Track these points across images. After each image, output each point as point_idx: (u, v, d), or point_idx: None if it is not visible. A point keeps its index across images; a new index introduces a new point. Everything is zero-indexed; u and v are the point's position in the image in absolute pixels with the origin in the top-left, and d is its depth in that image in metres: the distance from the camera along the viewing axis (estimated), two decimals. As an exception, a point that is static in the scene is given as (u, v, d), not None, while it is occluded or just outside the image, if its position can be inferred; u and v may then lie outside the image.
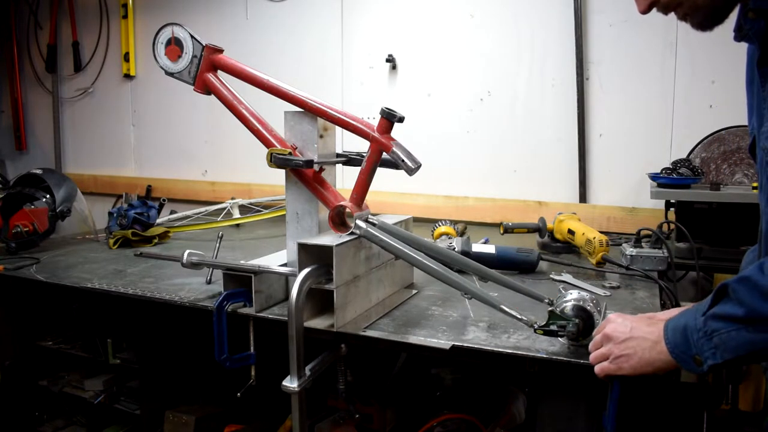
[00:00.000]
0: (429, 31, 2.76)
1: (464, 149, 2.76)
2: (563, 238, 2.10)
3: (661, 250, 1.82)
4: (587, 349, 1.15)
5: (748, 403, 2.09)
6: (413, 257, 1.32)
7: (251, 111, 1.51)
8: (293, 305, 1.25)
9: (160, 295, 1.62)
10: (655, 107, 2.44)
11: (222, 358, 1.42)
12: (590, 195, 2.57)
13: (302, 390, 1.25)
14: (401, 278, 1.66)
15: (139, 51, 3.49)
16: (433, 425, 1.64)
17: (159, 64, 1.57)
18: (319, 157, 1.46)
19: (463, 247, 1.81)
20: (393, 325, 1.36)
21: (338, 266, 1.30)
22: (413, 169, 1.34)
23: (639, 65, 2.44)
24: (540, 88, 2.60)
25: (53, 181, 2.40)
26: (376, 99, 2.85)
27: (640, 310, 1.48)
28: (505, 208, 2.65)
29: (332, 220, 1.41)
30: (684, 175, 2.09)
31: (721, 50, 2.33)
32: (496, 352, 1.22)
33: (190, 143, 3.37)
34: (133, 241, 2.27)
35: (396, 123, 1.36)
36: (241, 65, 1.52)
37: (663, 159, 2.37)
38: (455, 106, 2.76)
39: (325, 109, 1.44)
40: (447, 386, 1.82)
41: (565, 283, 1.71)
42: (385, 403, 1.83)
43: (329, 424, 1.77)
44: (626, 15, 2.44)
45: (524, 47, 2.61)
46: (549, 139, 2.61)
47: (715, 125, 2.27)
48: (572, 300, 1.20)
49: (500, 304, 1.23)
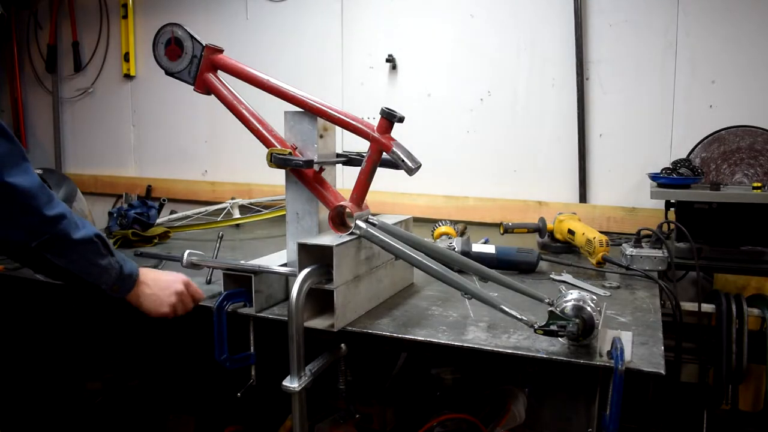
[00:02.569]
0: (429, 31, 2.76)
1: (464, 149, 2.76)
2: (563, 238, 2.10)
3: (661, 250, 1.82)
4: (587, 349, 1.15)
5: (748, 403, 2.09)
6: (413, 257, 1.32)
7: (251, 111, 1.51)
8: (293, 305, 1.25)
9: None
10: (655, 107, 2.44)
11: (222, 358, 1.42)
12: (590, 195, 2.57)
13: (302, 390, 1.25)
14: (401, 278, 1.66)
15: (139, 51, 3.49)
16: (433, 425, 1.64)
17: (159, 64, 1.57)
18: (319, 157, 1.46)
19: (463, 247, 1.81)
20: (393, 325, 1.36)
21: (338, 266, 1.30)
22: (413, 169, 1.34)
23: (639, 65, 2.44)
24: (540, 88, 2.60)
25: (53, 181, 2.39)
26: (376, 99, 2.85)
27: (641, 310, 1.48)
28: (505, 208, 2.65)
29: (332, 220, 1.41)
30: (684, 175, 2.09)
31: (721, 50, 2.33)
32: (496, 352, 1.22)
33: (190, 143, 3.37)
34: (134, 241, 2.27)
35: (396, 123, 1.36)
36: (241, 65, 1.52)
37: (663, 159, 2.37)
38: (455, 106, 2.75)
39: (325, 109, 1.44)
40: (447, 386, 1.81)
41: (565, 283, 1.71)
42: (385, 403, 1.83)
43: (329, 424, 1.76)
44: (626, 15, 2.44)
45: (524, 47, 2.61)
46: (549, 139, 2.61)
47: (715, 125, 2.27)
48: (572, 300, 1.20)
49: (500, 304, 1.23)
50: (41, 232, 1.16)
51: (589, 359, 1.14)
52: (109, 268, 1.29)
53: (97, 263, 1.26)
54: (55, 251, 1.20)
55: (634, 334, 1.28)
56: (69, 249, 1.21)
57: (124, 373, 2.22)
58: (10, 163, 1.12)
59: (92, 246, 1.25)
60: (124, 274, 1.33)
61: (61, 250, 1.20)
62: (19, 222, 1.14)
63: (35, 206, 1.15)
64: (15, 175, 1.12)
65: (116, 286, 1.32)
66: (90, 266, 1.25)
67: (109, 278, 1.30)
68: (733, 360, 1.89)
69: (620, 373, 1.09)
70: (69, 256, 1.22)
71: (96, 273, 1.27)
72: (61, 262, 1.21)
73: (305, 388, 1.26)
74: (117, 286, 1.32)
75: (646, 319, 1.40)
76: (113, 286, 1.32)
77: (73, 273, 1.24)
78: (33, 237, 1.16)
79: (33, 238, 1.16)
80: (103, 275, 1.29)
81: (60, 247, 1.20)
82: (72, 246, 1.21)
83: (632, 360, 1.14)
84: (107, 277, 1.29)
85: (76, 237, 1.21)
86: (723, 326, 1.91)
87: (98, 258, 1.27)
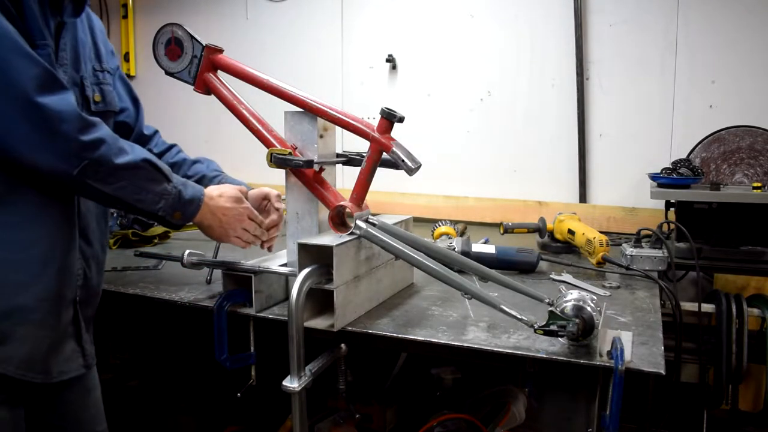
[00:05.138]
0: (429, 31, 2.77)
1: (464, 149, 2.76)
2: (563, 238, 2.10)
3: (661, 250, 1.82)
4: (587, 349, 1.15)
5: (748, 403, 2.10)
6: (413, 257, 1.32)
7: (251, 111, 1.51)
8: (293, 305, 1.25)
9: (160, 294, 1.62)
10: (655, 107, 2.44)
11: (222, 358, 1.42)
12: (590, 195, 2.57)
13: (302, 390, 1.25)
14: (401, 278, 1.66)
15: (139, 51, 3.49)
16: (433, 425, 1.64)
17: (159, 64, 1.57)
18: (319, 157, 1.46)
19: (463, 247, 1.81)
20: (393, 325, 1.36)
21: (338, 266, 1.30)
22: (413, 169, 1.34)
23: (639, 65, 2.44)
24: (540, 88, 2.60)
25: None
26: (376, 99, 2.85)
27: (641, 310, 1.48)
28: (505, 208, 2.65)
29: (332, 220, 1.41)
30: (684, 175, 2.09)
31: (721, 50, 2.33)
32: (496, 352, 1.22)
33: (190, 143, 3.34)
34: (133, 241, 2.27)
35: (396, 123, 1.36)
36: (241, 65, 1.52)
37: (663, 159, 2.37)
38: (455, 106, 2.76)
39: (325, 109, 1.43)
40: (447, 386, 1.82)
41: (565, 283, 1.71)
42: (385, 403, 1.83)
43: (329, 424, 1.77)
44: (626, 15, 2.44)
45: (524, 47, 2.61)
46: (549, 139, 2.61)
47: (715, 125, 2.27)
48: (572, 300, 1.20)
49: (500, 304, 1.23)
50: (79, 158, 1.11)
51: (589, 359, 1.14)
52: (165, 194, 1.25)
53: (150, 188, 1.22)
54: (99, 178, 1.15)
55: (634, 334, 1.28)
56: (113, 175, 1.16)
57: (124, 373, 2.22)
58: (42, 85, 1.07)
59: (141, 171, 1.20)
60: (184, 199, 1.29)
61: (105, 177, 1.15)
62: (47, 146, 1.09)
63: (67, 130, 1.10)
64: (46, 96, 1.07)
65: (178, 212, 1.28)
66: (141, 192, 1.21)
67: (166, 204, 1.25)
68: (733, 360, 1.89)
69: (620, 373, 1.09)
70: (115, 182, 1.17)
71: (149, 200, 1.23)
72: (109, 189, 1.17)
73: (305, 388, 1.26)
74: (179, 212, 1.28)
75: (646, 319, 1.40)
76: (174, 212, 1.27)
77: (125, 200, 1.20)
78: (69, 163, 1.11)
79: (69, 164, 1.11)
80: (158, 202, 1.24)
81: (105, 174, 1.15)
82: (115, 171, 1.16)
83: (632, 360, 1.14)
84: (164, 203, 1.25)
85: (119, 162, 1.16)
86: (723, 326, 1.91)
87: (150, 184, 1.22)
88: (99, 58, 1.42)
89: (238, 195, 1.43)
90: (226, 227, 1.39)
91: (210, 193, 1.37)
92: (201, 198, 1.34)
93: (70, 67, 1.27)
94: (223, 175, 1.70)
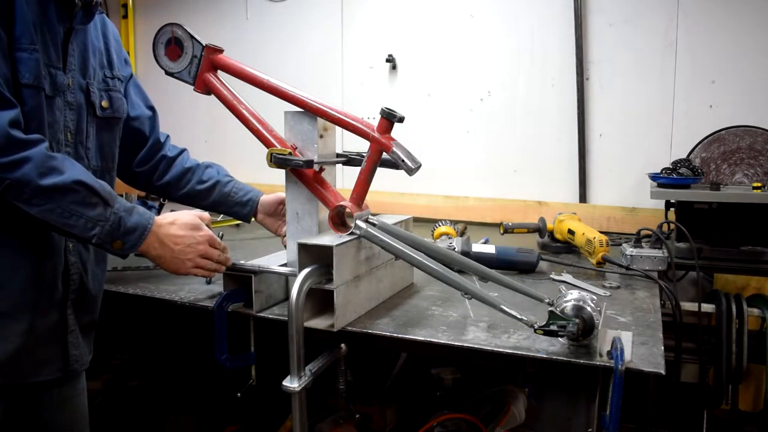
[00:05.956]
0: (429, 31, 2.77)
1: (464, 149, 2.76)
2: (563, 238, 2.10)
3: (661, 250, 1.82)
4: (587, 349, 1.14)
5: (748, 403, 2.10)
6: (413, 257, 1.32)
7: (251, 111, 1.51)
8: (293, 305, 1.25)
9: (160, 294, 1.62)
10: (655, 107, 2.44)
11: (222, 358, 1.42)
12: (590, 195, 2.57)
13: (302, 390, 1.25)
14: (401, 278, 1.66)
15: (139, 51, 3.49)
16: (433, 425, 1.64)
17: (159, 64, 1.57)
18: (319, 157, 1.46)
19: (463, 247, 1.81)
20: (393, 325, 1.36)
21: (338, 266, 1.30)
22: (413, 169, 1.34)
23: (639, 65, 2.44)
24: (540, 88, 2.60)
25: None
26: (376, 99, 2.85)
27: (641, 310, 1.48)
28: (505, 208, 2.65)
29: (332, 220, 1.41)
30: (684, 175, 2.09)
31: (721, 50, 2.33)
32: (496, 352, 1.22)
33: (190, 143, 3.34)
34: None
35: (396, 123, 1.36)
36: (241, 65, 1.52)
37: (663, 159, 2.37)
38: (455, 106, 2.76)
39: (325, 109, 1.43)
40: (447, 386, 1.82)
41: (565, 283, 1.71)
42: (385, 403, 1.83)
43: (329, 424, 1.77)
44: (626, 15, 2.44)
45: (524, 47, 2.61)
46: (549, 139, 2.61)
47: (715, 125, 2.27)
48: (572, 300, 1.20)
49: (500, 304, 1.23)
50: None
51: (589, 359, 1.14)
52: (100, 220, 1.15)
53: (82, 213, 1.12)
54: (24, 199, 1.07)
55: (634, 334, 1.28)
56: (37, 197, 1.08)
57: (124, 373, 2.22)
58: None
59: (71, 194, 1.11)
60: (126, 227, 1.18)
61: (29, 198, 1.08)
62: None
63: None
64: None
65: (118, 241, 1.18)
66: (71, 216, 1.11)
67: (102, 232, 1.15)
68: (733, 360, 1.90)
69: (620, 373, 1.09)
70: (42, 204, 1.09)
71: (81, 225, 1.13)
72: (35, 212, 1.09)
73: (305, 388, 1.26)
74: (119, 241, 1.18)
75: (646, 319, 1.40)
76: (113, 241, 1.17)
77: (53, 224, 1.12)
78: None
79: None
80: (92, 228, 1.14)
81: (28, 195, 1.07)
82: (40, 193, 1.08)
83: (632, 360, 1.14)
84: (99, 230, 1.14)
85: (44, 183, 1.07)
86: (723, 326, 1.91)
87: (82, 208, 1.12)
88: (111, 65, 1.42)
89: (195, 222, 1.34)
90: (180, 257, 1.30)
91: (160, 221, 1.28)
92: (147, 227, 1.23)
93: (77, 72, 1.27)
94: (235, 181, 1.69)
